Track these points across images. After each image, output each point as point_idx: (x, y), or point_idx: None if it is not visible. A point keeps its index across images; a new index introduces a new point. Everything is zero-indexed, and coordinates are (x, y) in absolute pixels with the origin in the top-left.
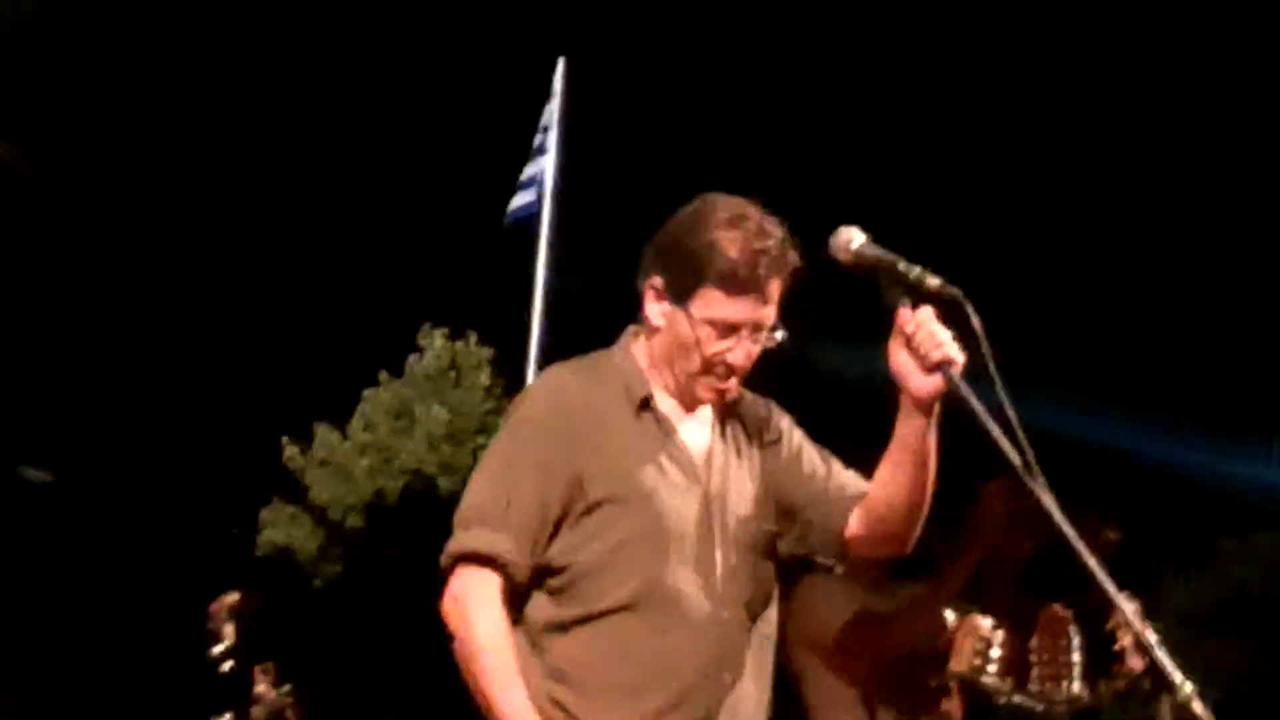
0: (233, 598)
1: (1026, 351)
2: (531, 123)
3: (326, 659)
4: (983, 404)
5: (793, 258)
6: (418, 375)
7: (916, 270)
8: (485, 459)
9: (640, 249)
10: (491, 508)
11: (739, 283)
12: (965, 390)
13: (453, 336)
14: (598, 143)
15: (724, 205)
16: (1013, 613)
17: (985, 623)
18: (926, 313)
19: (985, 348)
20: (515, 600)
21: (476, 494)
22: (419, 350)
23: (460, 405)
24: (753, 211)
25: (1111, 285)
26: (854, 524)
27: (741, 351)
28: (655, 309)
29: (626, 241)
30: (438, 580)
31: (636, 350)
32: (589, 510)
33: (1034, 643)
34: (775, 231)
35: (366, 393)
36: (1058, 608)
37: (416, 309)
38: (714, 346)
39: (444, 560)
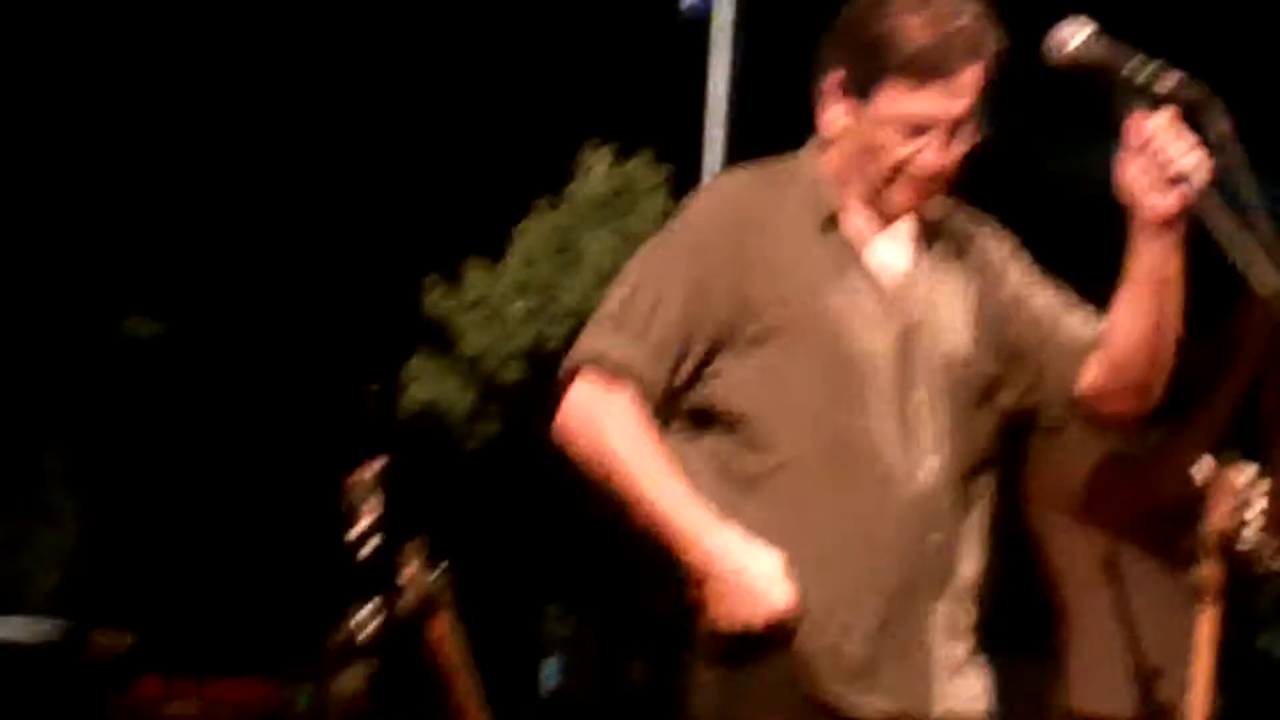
0: (375, 467)
1: None
2: None
3: (485, 534)
4: (1234, 221)
5: (993, 40)
6: (582, 201)
7: (1149, 69)
8: (638, 254)
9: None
10: (632, 313)
11: (927, 72)
12: (1212, 205)
13: (621, 155)
14: None
15: None
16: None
17: (1241, 477)
18: (1163, 119)
19: (1236, 153)
20: None
21: (613, 299)
22: (582, 172)
23: (633, 234)
24: None
25: None
26: (1089, 375)
27: (934, 155)
28: (836, 110)
29: (820, 34)
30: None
31: (824, 159)
32: (759, 339)
33: None
34: (970, 8)
35: (522, 223)
36: None
37: (577, 123)
38: (904, 149)
39: (565, 365)
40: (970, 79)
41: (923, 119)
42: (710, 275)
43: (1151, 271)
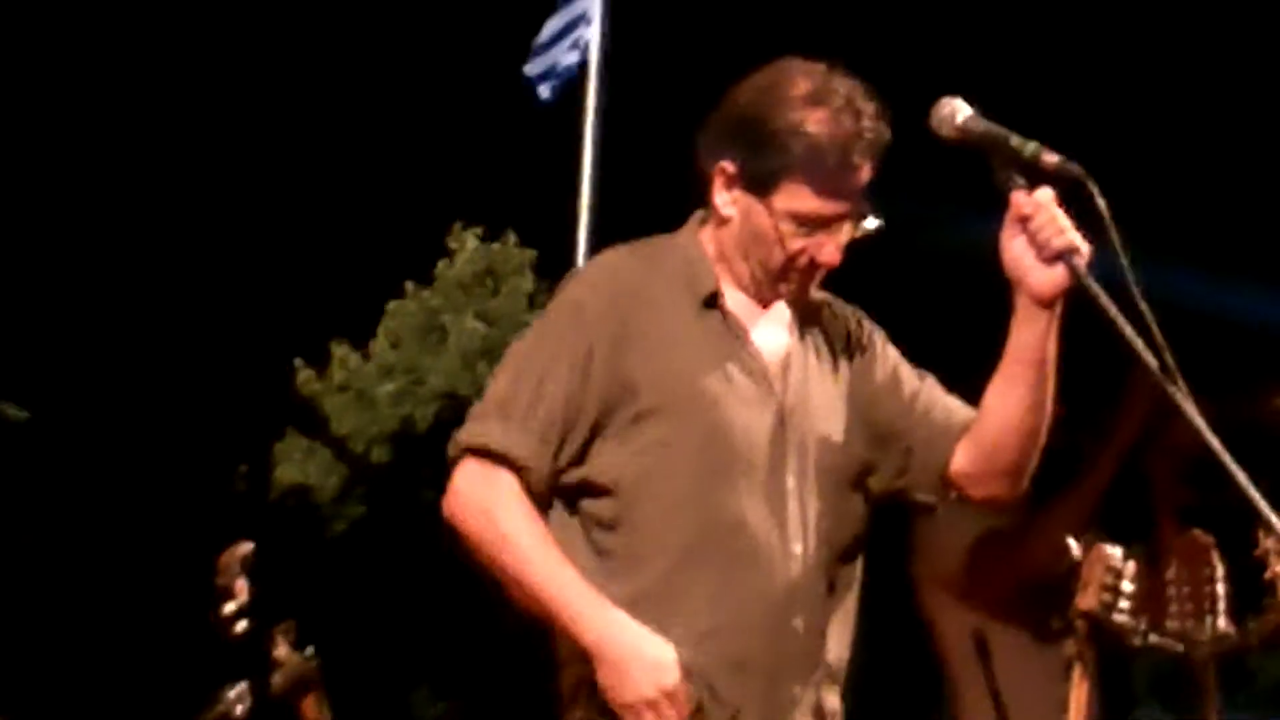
0: (245, 548)
1: (1165, 226)
2: None
3: (353, 616)
4: (1112, 298)
5: (885, 134)
6: (449, 283)
7: (1031, 146)
8: (515, 345)
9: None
10: (514, 400)
11: (829, 174)
12: (1093, 283)
13: (488, 237)
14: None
15: (804, 75)
16: (1156, 540)
17: (1115, 552)
18: (1046, 194)
19: (1113, 232)
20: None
21: (499, 383)
22: (449, 254)
23: (499, 316)
24: (839, 82)
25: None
26: (960, 457)
27: (829, 247)
28: (725, 197)
29: (690, 116)
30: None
31: (704, 238)
32: (637, 419)
33: (1171, 574)
34: (867, 107)
35: (390, 305)
36: (1198, 533)
37: (444, 206)
38: (800, 243)
39: (451, 451)
40: (866, 174)
41: (823, 215)
42: (591, 355)
43: (1029, 350)
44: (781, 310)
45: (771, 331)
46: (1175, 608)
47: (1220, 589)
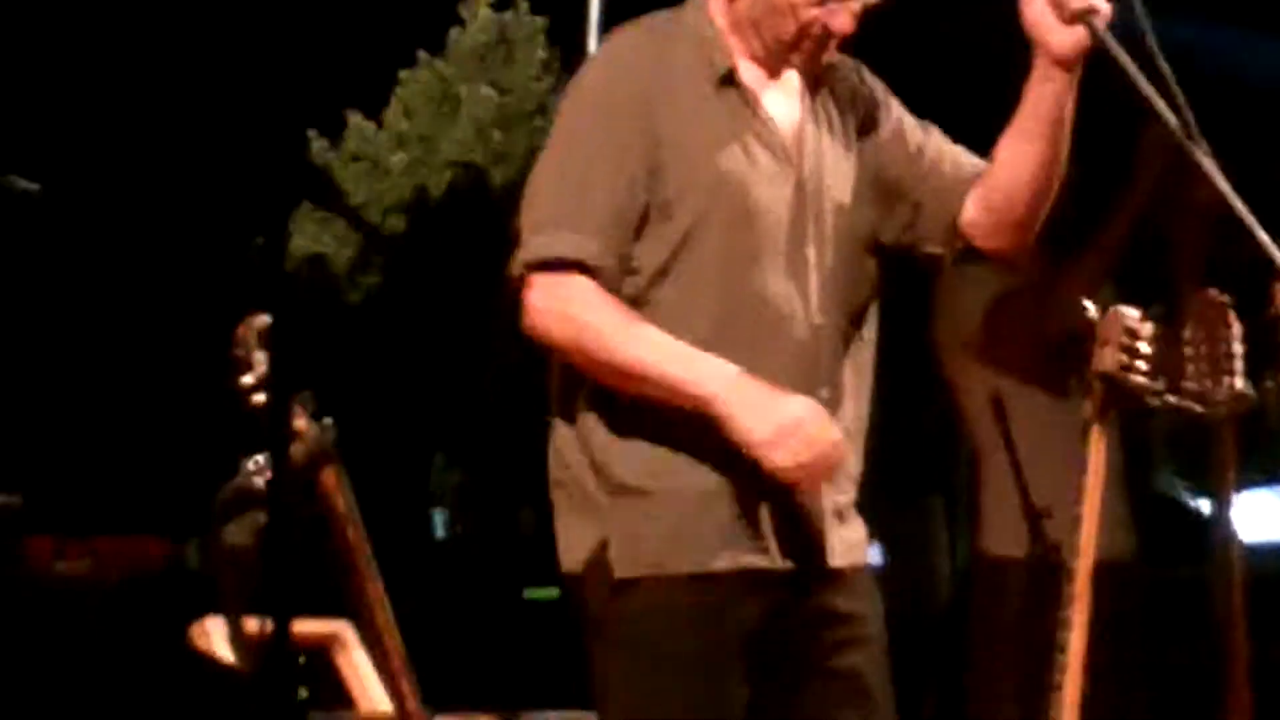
0: (262, 319)
1: None
2: None
3: (370, 385)
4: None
5: None
6: (461, 51)
7: None
8: (548, 145)
9: None
10: (566, 202)
11: None
12: (1113, 42)
13: (499, 5)
14: None
15: None
16: (1176, 300)
17: (1132, 313)
18: None
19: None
20: None
21: (544, 188)
22: (460, 22)
23: (511, 84)
24: None
25: None
26: (970, 208)
27: (844, 14)
28: None
29: None
30: (498, 286)
31: (715, 9)
32: (665, 206)
33: (1188, 334)
34: None
35: (402, 74)
36: (1214, 292)
37: None
38: (812, 11)
39: (515, 271)
40: None
41: None
42: (626, 133)
43: (1045, 110)
44: (791, 78)
45: (784, 102)
46: (1192, 368)
47: (1237, 348)
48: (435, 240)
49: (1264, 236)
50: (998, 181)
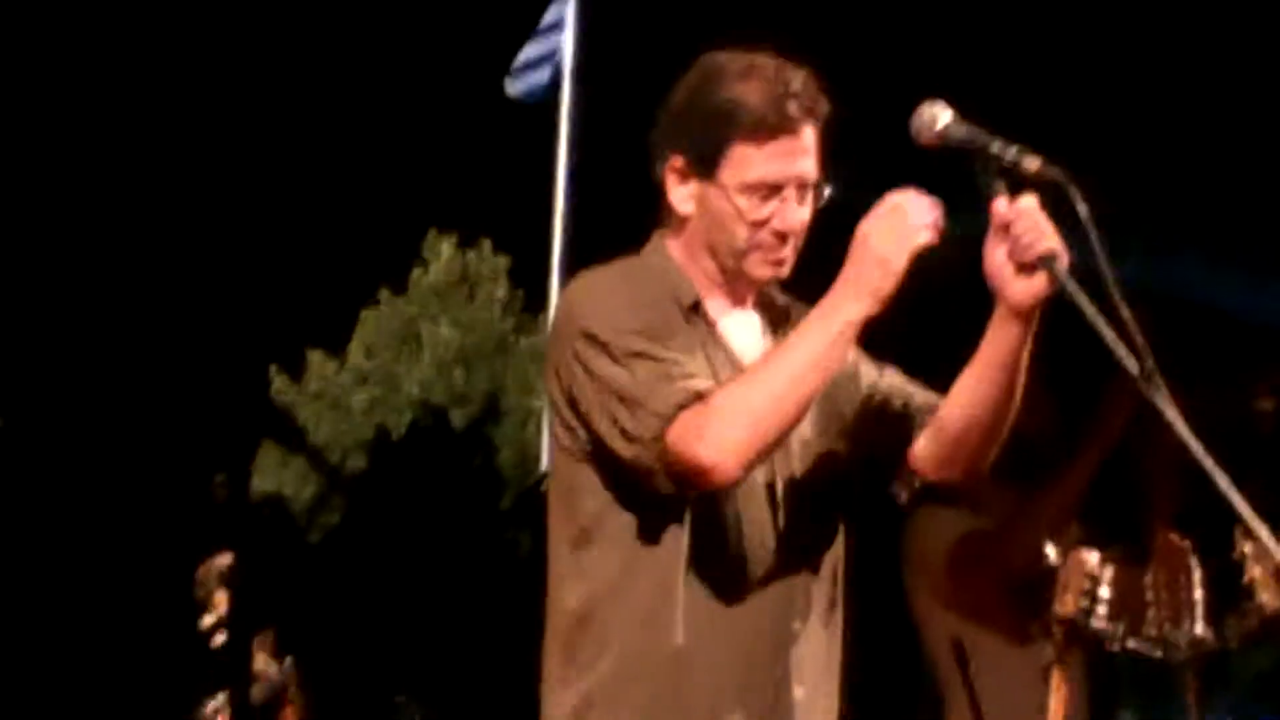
0: (223, 560)
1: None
2: None
3: (330, 625)
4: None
5: (824, 102)
6: (423, 289)
7: (1012, 151)
8: (589, 385)
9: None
10: (639, 386)
11: (770, 131)
12: (1074, 287)
13: (463, 244)
14: (621, 9)
15: (731, 59)
16: (1148, 540)
17: (1092, 557)
18: (1029, 202)
19: (1094, 234)
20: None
21: (618, 388)
22: (423, 260)
23: (473, 324)
24: (765, 59)
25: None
26: (923, 443)
27: (790, 214)
28: (681, 192)
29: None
30: (458, 526)
31: (671, 247)
32: None
33: (1149, 578)
34: (798, 73)
35: (364, 312)
36: (1174, 536)
37: (420, 213)
38: (759, 213)
39: (652, 450)
40: (810, 139)
41: (772, 179)
42: (655, 334)
43: (1000, 355)
44: (753, 317)
45: (749, 334)
46: (1153, 612)
47: (1198, 594)
48: (396, 480)
49: (1224, 482)
50: (950, 419)
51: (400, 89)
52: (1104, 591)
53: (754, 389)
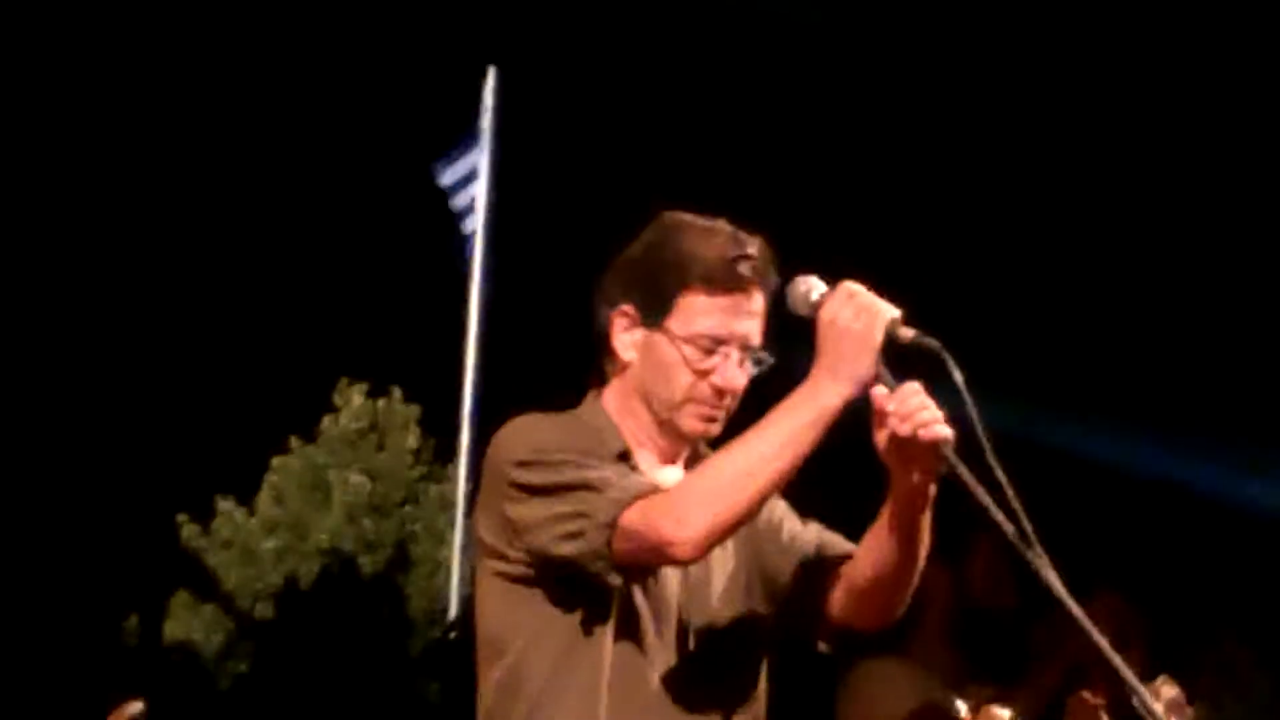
0: (135, 707)
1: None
2: (456, 131)
3: None
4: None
5: (774, 273)
6: (333, 438)
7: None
8: (528, 495)
9: (589, 283)
10: (580, 493)
11: (722, 285)
12: (962, 468)
13: (373, 392)
14: (534, 163)
15: (690, 216)
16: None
17: (1004, 714)
18: (911, 388)
19: (970, 402)
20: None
21: (557, 507)
22: (333, 408)
23: (383, 471)
24: (722, 223)
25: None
26: (837, 595)
27: (731, 371)
28: (625, 340)
29: (575, 277)
30: (367, 674)
31: (606, 399)
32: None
33: None
34: (753, 240)
35: (274, 460)
36: (1087, 695)
37: (330, 361)
38: (701, 364)
39: (592, 529)
40: (758, 304)
41: (718, 333)
42: (588, 454)
43: (902, 525)
44: (678, 470)
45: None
46: None
47: None
48: (306, 627)
49: (1099, 639)
50: (859, 574)
51: (312, 237)
52: None
53: (723, 468)
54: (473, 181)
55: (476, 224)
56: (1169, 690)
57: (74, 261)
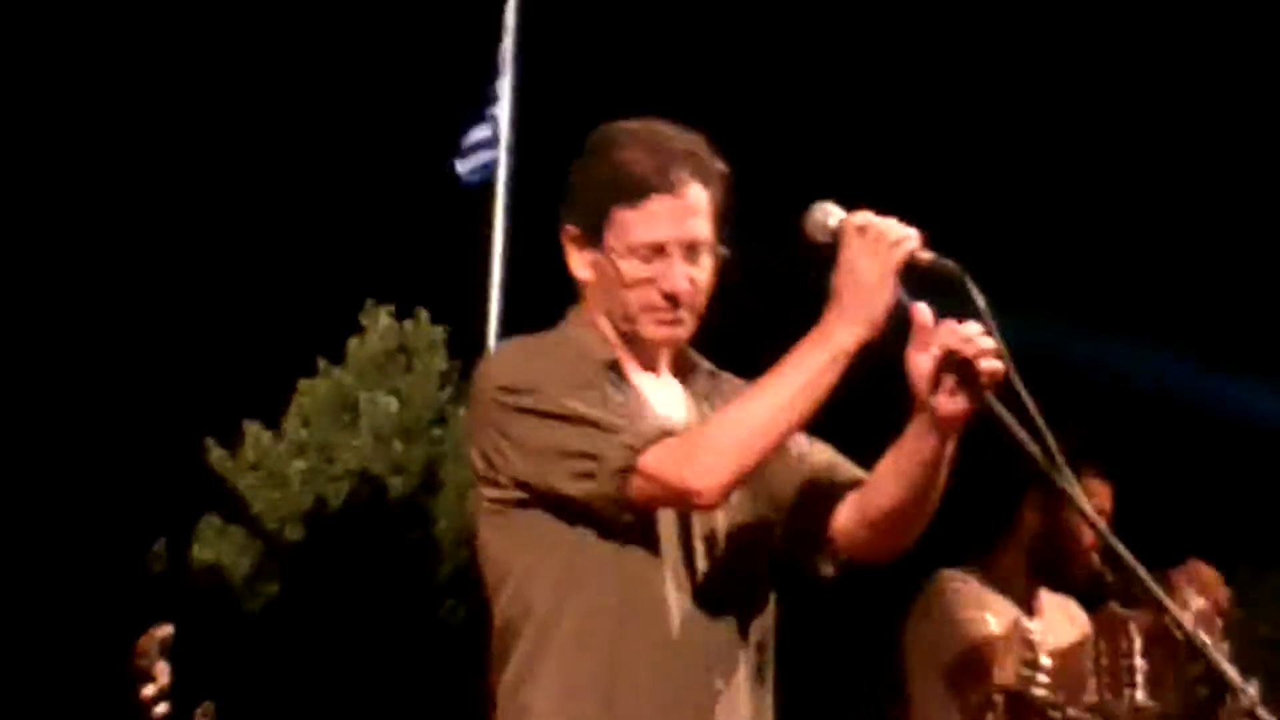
0: (164, 631)
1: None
2: (480, 64)
3: (269, 694)
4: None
5: (714, 163)
6: (360, 360)
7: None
8: (530, 428)
9: None
10: (596, 423)
11: (649, 194)
12: (1000, 408)
13: (400, 315)
14: (557, 85)
15: (621, 127)
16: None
17: (1033, 626)
18: (970, 325)
19: (991, 324)
20: None
21: (563, 439)
22: (360, 330)
23: (411, 394)
24: (655, 125)
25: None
26: (844, 519)
27: (676, 274)
28: (578, 260)
29: None
30: (396, 596)
31: (583, 317)
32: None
33: (1090, 647)
34: (684, 136)
35: (301, 383)
36: (1115, 606)
37: (356, 284)
38: (645, 273)
39: (606, 473)
40: (696, 198)
41: (656, 239)
42: (590, 385)
43: (922, 456)
44: (674, 385)
45: (671, 398)
46: (1093, 681)
47: (1138, 662)
48: (334, 550)
49: (1132, 561)
50: (871, 505)
51: (338, 160)
52: (1044, 660)
53: (743, 415)
54: (495, 105)
55: (500, 146)
56: (1197, 601)
57: (105, 190)
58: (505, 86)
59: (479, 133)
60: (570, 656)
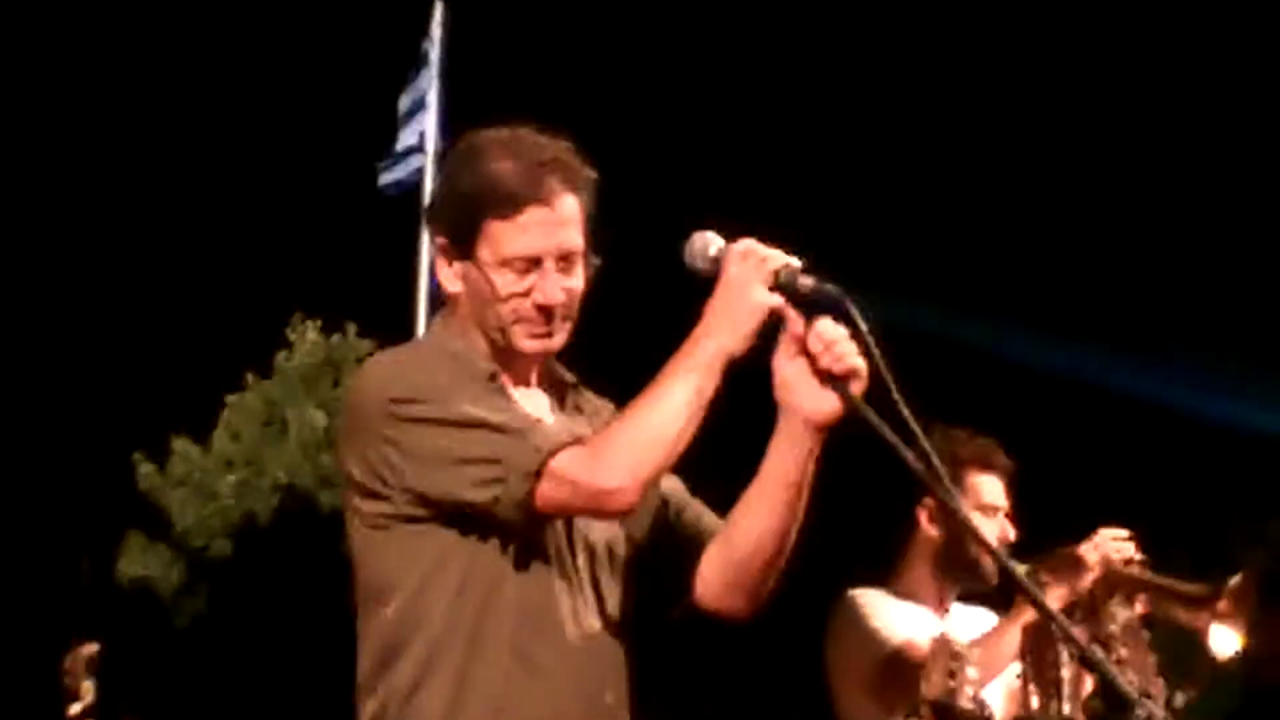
0: (90, 648)
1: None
2: (405, 74)
3: (197, 710)
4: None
5: (584, 169)
6: (288, 374)
7: (785, 273)
8: (422, 437)
9: None
10: (495, 430)
11: (522, 206)
12: (865, 406)
13: (327, 329)
14: (484, 94)
15: (490, 136)
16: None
17: (957, 639)
18: (829, 323)
19: (874, 348)
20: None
21: (460, 446)
22: (288, 345)
23: (339, 407)
24: (524, 133)
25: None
26: (704, 568)
27: (550, 286)
28: (447, 272)
29: None
30: (326, 609)
31: (451, 330)
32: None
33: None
34: (553, 144)
35: (229, 397)
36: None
37: (284, 298)
38: (517, 286)
39: (513, 478)
40: (568, 208)
41: (529, 251)
42: (478, 396)
43: (788, 473)
44: (541, 396)
45: (540, 414)
46: (1020, 692)
47: (1065, 673)
48: (262, 563)
49: (1005, 558)
50: (734, 547)
51: (265, 173)
52: (970, 672)
53: (646, 421)
54: (421, 112)
55: (427, 154)
56: (1124, 613)
57: (26, 200)
58: (431, 96)
59: (405, 141)
60: (464, 667)
